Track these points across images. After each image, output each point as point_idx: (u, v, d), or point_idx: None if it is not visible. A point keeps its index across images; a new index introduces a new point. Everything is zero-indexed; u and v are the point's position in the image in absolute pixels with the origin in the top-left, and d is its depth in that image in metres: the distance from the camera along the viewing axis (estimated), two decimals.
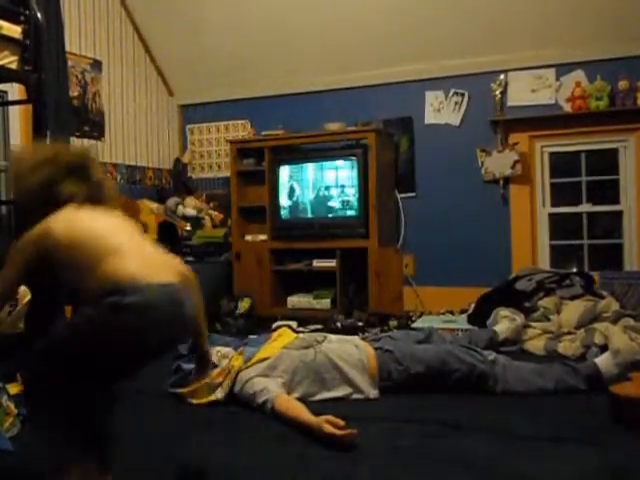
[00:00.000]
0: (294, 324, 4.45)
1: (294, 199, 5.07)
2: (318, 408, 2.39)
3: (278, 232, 5.11)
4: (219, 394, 2.66)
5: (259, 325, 4.56)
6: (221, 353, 2.75)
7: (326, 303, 4.90)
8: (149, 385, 2.99)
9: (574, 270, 4.20)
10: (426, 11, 4.83)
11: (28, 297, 2.51)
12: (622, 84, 4.50)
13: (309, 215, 5.04)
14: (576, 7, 4.51)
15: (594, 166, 4.89)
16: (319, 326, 4.42)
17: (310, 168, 5.02)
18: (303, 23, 5.15)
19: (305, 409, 2.35)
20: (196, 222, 5.49)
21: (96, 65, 5.14)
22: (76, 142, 4.72)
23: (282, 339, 2.82)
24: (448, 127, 5.12)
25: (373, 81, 5.31)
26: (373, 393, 2.69)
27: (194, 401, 2.69)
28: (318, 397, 2.64)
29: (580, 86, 4.65)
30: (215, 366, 2.70)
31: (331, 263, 4.87)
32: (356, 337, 3.00)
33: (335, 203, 4.95)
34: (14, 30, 2.48)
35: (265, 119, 5.58)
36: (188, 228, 5.39)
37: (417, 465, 1.97)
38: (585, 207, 4.91)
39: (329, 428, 2.15)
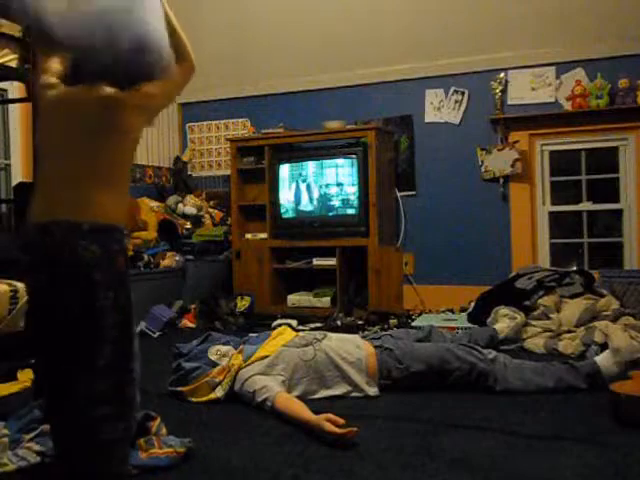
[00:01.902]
0: (294, 322, 4.45)
1: (294, 197, 5.06)
2: (318, 406, 2.40)
3: (278, 230, 5.11)
4: (219, 393, 2.66)
5: (259, 323, 4.55)
6: (221, 352, 2.75)
7: (326, 301, 4.90)
8: (149, 384, 3.00)
9: (574, 268, 4.19)
10: (426, 9, 4.83)
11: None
12: (622, 82, 4.50)
13: (309, 213, 5.04)
14: (576, 6, 4.51)
15: (594, 164, 4.89)
16: (319, 324, 4.43)
17: (310, 166, 5.02)
18: (303, 21, 5.15)
19: (305, 407, 2.35)
20: (196, 220, 5.49)
21: None
22: None
23: (282, 337, 2.82)
24: (448, 125, 5.12)
25: (373, 79, 5.31)
26: (373, 391, 2.69)
27: (194, 399, 2.69)
28: (318, 395, 2.65)
29: (580, 84, 4.65)
30: (215, 364, 2.70)
31: (331, 261, 4.87)
32: (356, 336, 3.00)
33: (335, 201, 4.95)
34: (14, 29, 2.48)
35: (265, 117, 5.58)
36: (188, 226, 5.39)
37: (417, 463, 1.97)
38: (585, 205, 4.91)
39: (329, 426, 2.15)
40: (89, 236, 1.44)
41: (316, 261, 4.97)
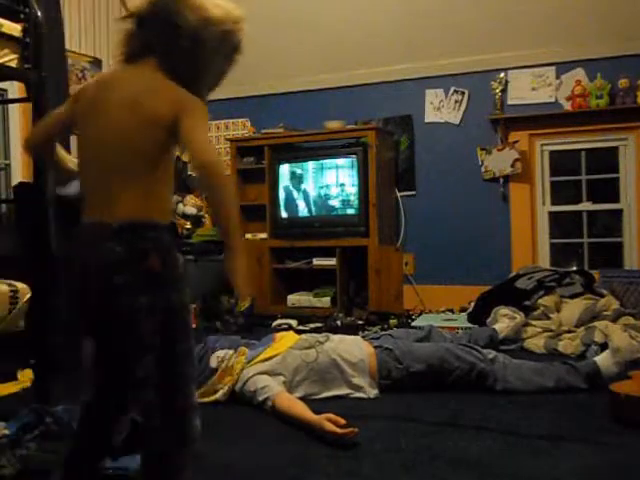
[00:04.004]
0: (294, 322, 4.45)
1: (294, 197, 5.06)
2: (319, 406, 2.39)
3: (278, 230, 5.11)
4: (219, 395, 2.65)
5: (259, 323, 4.56)
6: (220, 357, 2.73)
7: (326, 301, 4.90)
8: None
9: (574, 268, 4.20)
10: (426, 9, 4.83)
11: (29, 295, 2.49)
12: (622, 82, 4.50)
13: (309, 213, 5.04)
14: (577, 6, 4.51)
15: (594, 164, 4.89)
16: (319, 324, 4.43)
17: (310, 166, 5.02)
18: (303, 21, 5.15)
19: (306, 407, 2.35)
20: (196, 220, 5.48)
21: (96, 63, 5.14)
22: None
23: (285, 340, 2.82)
24: (448, 125, 5.12)
25: (373, 79, 5.31)
26: (373, 393, 2.68)
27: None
28: (319, 396, 2.64)
29: (580, 84, 4.65)
30: (215, 370, 2.69)
31: (331, 261, 4.87)
32: (358, 337, 2.99)
33: (335, 201, 4.95)
34: (14, 28, 2.48)
35: (265, 117, 5.58)
36: (188, 226, 5.38)
37: (417, 464, 1.97)
38: (585, 205, 4.91)
39: (330, 426, 2.14)
40: (117, 236, 1.36)
41: (316, 261, 4.97)
